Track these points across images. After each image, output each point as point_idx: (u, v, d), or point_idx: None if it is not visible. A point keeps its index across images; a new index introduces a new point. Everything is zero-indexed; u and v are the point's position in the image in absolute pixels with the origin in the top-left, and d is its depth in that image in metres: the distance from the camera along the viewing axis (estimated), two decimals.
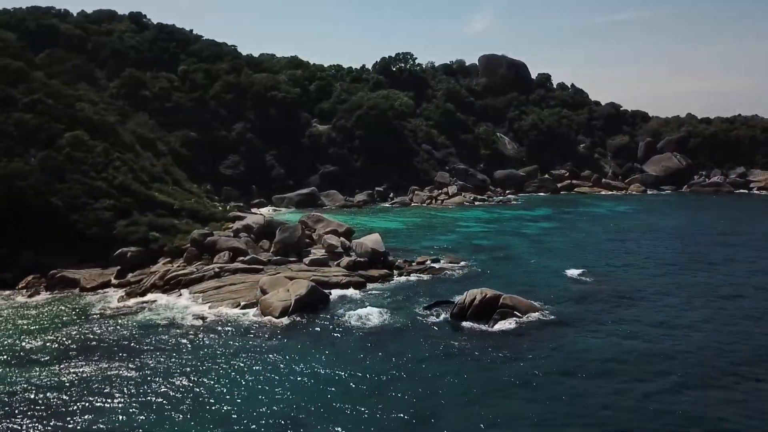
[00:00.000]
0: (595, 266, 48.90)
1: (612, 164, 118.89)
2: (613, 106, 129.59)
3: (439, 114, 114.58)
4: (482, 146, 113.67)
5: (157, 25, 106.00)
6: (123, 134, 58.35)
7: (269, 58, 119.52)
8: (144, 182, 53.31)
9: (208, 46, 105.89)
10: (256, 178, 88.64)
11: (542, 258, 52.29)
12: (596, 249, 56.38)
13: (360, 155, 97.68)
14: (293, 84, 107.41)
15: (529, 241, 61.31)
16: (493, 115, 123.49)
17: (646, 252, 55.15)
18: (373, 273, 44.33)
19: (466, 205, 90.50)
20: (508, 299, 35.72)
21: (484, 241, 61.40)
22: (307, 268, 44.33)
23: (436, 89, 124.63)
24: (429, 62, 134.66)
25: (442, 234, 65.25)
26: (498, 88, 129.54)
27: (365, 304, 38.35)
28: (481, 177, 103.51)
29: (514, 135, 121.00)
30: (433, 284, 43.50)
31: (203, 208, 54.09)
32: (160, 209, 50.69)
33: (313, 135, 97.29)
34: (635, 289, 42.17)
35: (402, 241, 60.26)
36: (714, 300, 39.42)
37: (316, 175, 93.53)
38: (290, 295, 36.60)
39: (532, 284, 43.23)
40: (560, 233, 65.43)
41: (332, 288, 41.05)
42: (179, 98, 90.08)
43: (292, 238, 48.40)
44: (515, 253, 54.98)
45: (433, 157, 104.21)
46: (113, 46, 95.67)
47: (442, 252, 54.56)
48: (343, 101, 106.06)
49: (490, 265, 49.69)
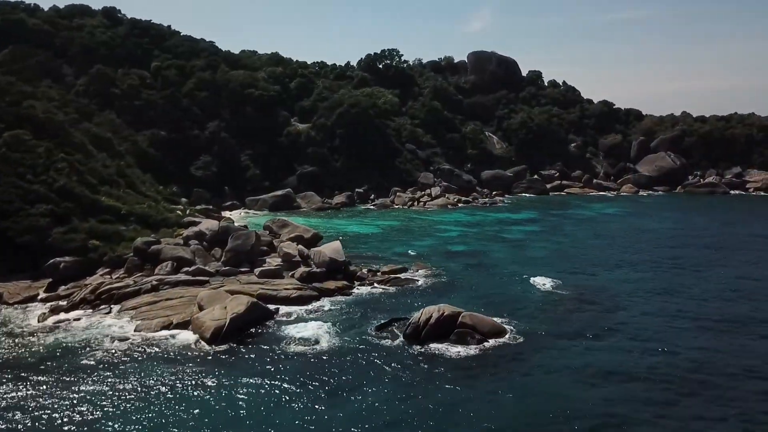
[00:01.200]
0: (574, 276, 45.21)
1: (604, 164, 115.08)
2: (606, 104, 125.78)
3: (425, 112, 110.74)
4: (469, 146, 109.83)
5: (131, 20, 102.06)
6: (73, 134, 54.52)
7: (249, 55, 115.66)
8: (91, 185, 49.58)
9: (183, 42, 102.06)
10: (230, 179, 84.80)
11: (519, 266, 48.55)
12: (578, 256, 52.63)
13: (340, 155, 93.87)
14: (273, 81, 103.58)
15: (509, 246, 57.59)
16: (481, 114, 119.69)
17: (631, 259, 51.40)
18: (329, 285, 40.58)
19: (449, 207, 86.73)
20: (468, 318, 31.98)
21: (460, 246, 57.68)
22: (256, 280, 40.59)
23: (423, 87, 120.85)
24: (416, 59, 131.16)
25: (418, 239, 61.51)
26: (487, 86, 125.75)
27: (314, 322, 34.63)
28: (466, 178, 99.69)
29: (503, 134, 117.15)
30: (395, 297, 39.76)
31: (155, 213, 50.32)
32: (105, 214, 46.96)
33: (291, 134, 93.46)
34: (615, 302, 38.48)
35: (374, 247, 56.55)
36: (701, 316, 35.72)
37: (293, 176, 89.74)
38: (226, 314, 32.84)
39: (502, 297, 39.54)
40: (542, 238, 61.69)
41: (280, 303, 37.32)
42: (149, 96, 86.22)
43: (244, 246, 44.66)
44: (491, 260, 51.25)
45: (417, 157, 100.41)
46: (82, 42, 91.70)
47: (414, 259, 50.89)
48: (324, 99, 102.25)
49: (462, 274, 45.97)
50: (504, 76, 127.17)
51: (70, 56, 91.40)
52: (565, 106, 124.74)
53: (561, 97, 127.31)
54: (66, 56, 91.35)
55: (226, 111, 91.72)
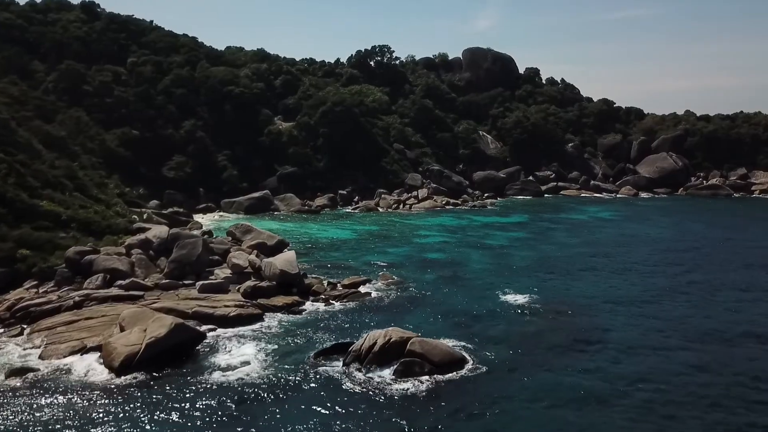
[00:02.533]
0: (553, 289, 40.95)
1: (602, 165, 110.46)
2: (606, 103, 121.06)
3: (416, 111, 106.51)
4: (461, 145, 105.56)
5: (108, 14, 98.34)
6: (20, 133, 50.64)
7: (234, 51, 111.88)
8: (31, 188, 45.67)
9: (163, 38, 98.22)
10: (205, 180, 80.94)
11: (495, 278, 44.31)
12: (561, 266, 48.25)
13: (324, 155, 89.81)
14: (257, 78, 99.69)
15: (490, 255, 53.31)
16: (475, 112, 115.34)
17: (619, 270, 47.02)
18: (276, 302, 36.47)
19: (436, 210, 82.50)
20: (418, 344, 27.77)
21: (438, 254, 53.46)
22: (196, 296, 36.53)
23: (415, 84, 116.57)
24: (409, 56, 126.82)
25: (394, 246, 57.36)
26: (482, 83, 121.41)
27: (249, 346, 30.58)
28: (456, 179, 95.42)
29: (497, 133, 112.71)
30: (349, 315, 35.62)
31: (100, 219, 46.34)
32: (42, 220, 42.99)
33: (272, 133, 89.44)
34: (594, 322, 34.23)
35: (344, 255, 52.45)
36: (690, 339, 31.41)
37: (273, 176, 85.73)
38: (143, 338, 28.80)
39: (468, 315, 35.33)
40: (528, 245, 57.36)
41: (217, 323, 33.21)
42: (122, 93, 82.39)
43: (190, 255, 40.62)
44: (466, 271, 47.00)
45: (405, 158, 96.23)
46: (54, 37, 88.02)
47: (384, 269, 46.78)
48: (309, 97, 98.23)
49: (431, 287, 41.78)
50: (500, 74, 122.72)
51: (42, 52, 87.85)
52: (562, 105, 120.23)
53: (559, 95, 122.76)
54: (38, 52, 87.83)
55: (204, 109, 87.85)
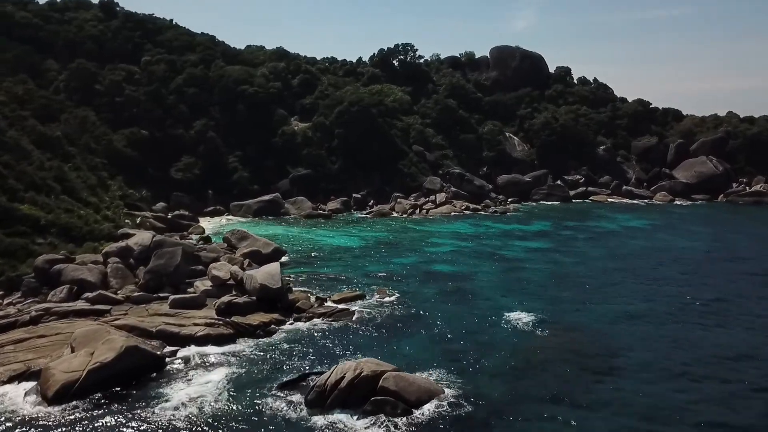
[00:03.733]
0: (567, 312, 36.52)
1: (636, 169, 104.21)
2: (641, 103, 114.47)
3: (438, 111, 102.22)
4: (486, 147, 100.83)
5: (124, 13, 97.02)
6: (6, 133, 48.58)
7: (254, 50, 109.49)
8: (13, 191, 43.43)
9: (178, 36, 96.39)
10: (215, 182, 78.39)
11: (503, 295, 40.08)
12: (580, 283, 43.65)
13: (339, 157, 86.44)
14: (274, 78, 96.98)
15: (502, 267, 48.95)
16: (502, 113, 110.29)
17: (647, 290, 42.15)
18: (253, 320, 33.03)
19: (454, 216, 78.17)
20: (393, 380, 23.92)
21: (445, 266, 49.37)
22: (166, 311, 33.40)
23: (439, 84, 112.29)
24: (434, 55, 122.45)
25: (400, 255, 53.49)
26: (510, 83, 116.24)
27: (213, 372, 27.28)
28: (478, 183, 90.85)
29: (524, 135, 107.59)
30: (330, 337, 31.96)
31: (83, 224, 43.79)
32: (20, 225, 40.64)
33: (286, 134, 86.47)
34: (609, 353, 29.83)
35: (344, 265, 48.82)
36: (720, 381, 26.80)
37: (286, 179, 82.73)
38: (87, 362, 25.70)
39: (465, 341, 31.30)
40: (546, 258, 52.76)
41: (182, 343, 30.00)
42: (132, 92, 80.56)
43: (167, 266, 37.58)
44: (474, 286, 42.83)
45: (424, 160, 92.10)
46: (67, 36, 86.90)
47: (383, 282, 43.12)
48: (326, 96, 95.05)
49: (429, 305, 37.82)
50: (528, 73, 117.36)
51: (56, 51, 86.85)
52: (595, 106, 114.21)
53: (591, 96, 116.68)
54: (54, 51, 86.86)
55: (217, 109, 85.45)
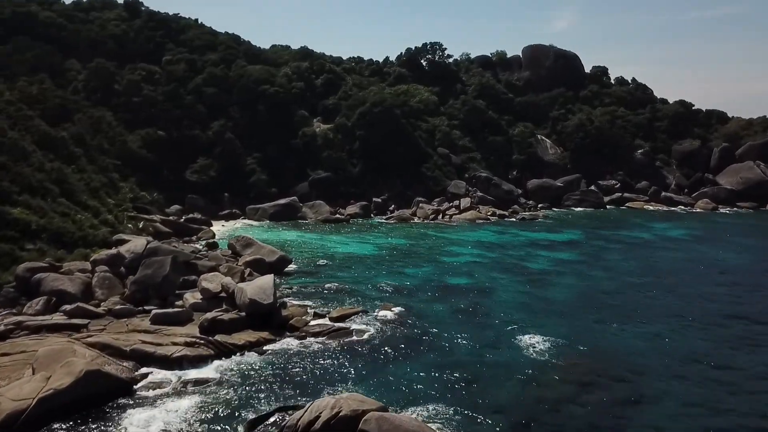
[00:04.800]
0: (593, 336, 32.50)
1: (676, 174, 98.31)
2: (683, 105, 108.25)
3: (466, 112, 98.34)
4: (516, 150, 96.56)
5: (147, 12, 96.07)
6: (4, 133, 46.95)
7: (278, 50, 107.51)
8: (6, 193, 41.58)
9: (200, 35, 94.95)
10: (232, 184, 76.24)
11: (522, 315, 36.22)
12: (609, 302, 39.45)
13: (360, 159, 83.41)
14: (297, 78, 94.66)
15: (524, 282, 44.98)
16: (533, 114, 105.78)
17: (684, 313, 37.62)
18: (238, 339, 30.04)
19: (478, 222, 74.24)
20: (375, 422, 20.47)
21: (462, 279, 45.67)
22: (146, 327, 30.69)
23: (468, 84, 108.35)
24: (463, 54, 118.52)
25: (415, 265, 50.01)
26: (543, 83, 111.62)
27: (183, 400, 24.39)
28: (507, 187, 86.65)
29: (557, 137, 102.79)
30: (319, 362, 28.71)
31: (75, 230, 41.65)
32: (8, 230, 38.68)
33: (306, 135, 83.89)
34: (639, 391, 25.82)
35: (352, 276, 45.58)
36: None
37: (305, 182, 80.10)
38: (40, 389, 23.06)
39: (470, 370, 27.67)
40: (573, 271, 48.53)
41: (157, 365, 27.20)
42: (150, 92, 79.11)
43: (154, 276, 34.96)
44: (489, 303, 39.06)
45: (449, 163, 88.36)
46: (89, 36, 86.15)
47: (391, 296, 39.81)
48: (349, 97, 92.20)
49: (437, 324, 34.26)
50: (562, 73, 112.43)
51: (79, 50, 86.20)
52: (632, 107, 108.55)
53: (628, 96, 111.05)
54: (77, 50, 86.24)
55: (236, 109, 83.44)
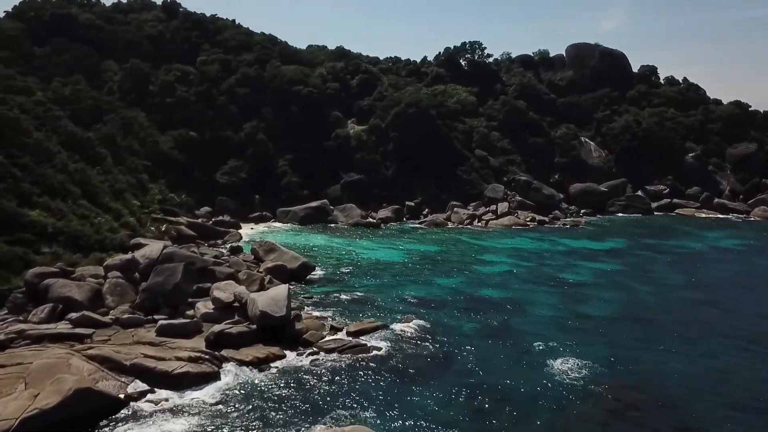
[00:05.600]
0: (635, 362, 29.25)
1: (731, 180, 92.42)
2: (738, 106, 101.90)
3: (505, 113, 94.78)
4: (558, 153, 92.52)
5: (184, 12, 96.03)
6: (29, 134, 46.46)
7: (314, 50, 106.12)
8: (26, 195, 40.87)
9: (235, 36, 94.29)
10: (263, 186, 74.89)
11: (557, 334, 33.13)
12: (654, 321, 35.94)
13: (393, 162, 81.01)
14: (332, 78, 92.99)
15: (562, 296, 41.73)
16: (577, 115, 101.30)
17: (739, 333, 33.89)
18: (245, 355, 28.04)
19: (516, 228, 70.84)
20: None
21: (494, 291, 42.74)
22: (151, 339, 29.02)
23: (508, 84, 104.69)
24: (504, 53, 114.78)
25: (445, 274, 47.32)
26: (587, 83, 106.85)
27: (172, 423, 22.50)
28: (547, 192, 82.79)
29: (602, 140, 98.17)
30: (328, 383, 26.45)
31: (92, 233, 40.59)
32: (24, 232, 37.83)
33: (339, 137, 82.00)
34: (690, 425, 22.62)
35: (377, 285, 43.24)
36: None
37: (337, 184, 78.21)
38: (25, 407, 21.49)
39: (493, 398, 25.01)
40: (616, 284, 44.98)
41: (155, 382, 25.42)
42: (184, 93, 78.61)
43: (165, 284, 33.37)
44: (522, 319, 36.07)
45: (487, 166, 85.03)
46: (125, 37, 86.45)
47: (416, 308, 37.31)
48: (384, 97, 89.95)
49: (462, 343, 31.58)
50: (608, 72, 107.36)
51: (117, 51, 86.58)
52: (683, 108, 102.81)
53: (679, 97, 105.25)
54: (113, 51, 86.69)
55: (269, 110, 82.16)
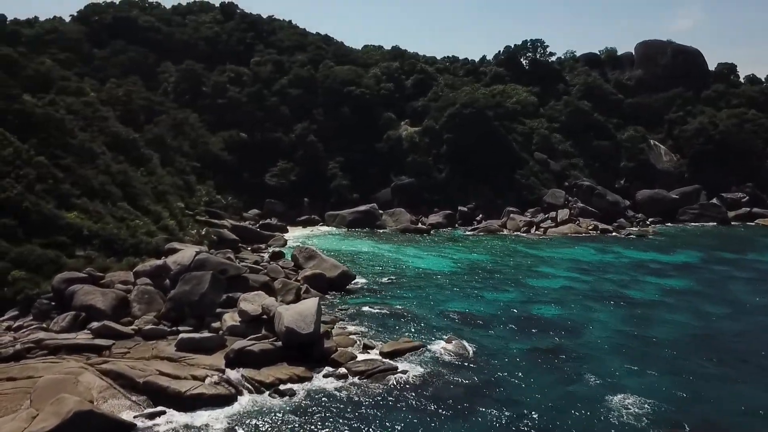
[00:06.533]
0: (710, 400, 25.20)
1: None
2: None
3: (568, 114, 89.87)
4: (624, 156, 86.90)
5: (240, 14, 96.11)
6: (73, 134, 46.20)
7: (370, 50, 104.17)
8: (68, 195, 40.35)
9: (290, 36, 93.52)
10: (312, 189, 73.48)
11: (615, 363, 29.23)
12: (733, 351, 31.35)
13: (447, 164, 77.79)
14: (386, 78, 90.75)
15: (625, 317, 37.50)
16: (646, 117, 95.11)
17: None
18: (266, 376, 25.73)
19: (577, 237, 66.31)
20: None
21: (549, 309, 39.02)
22: (170, 354, 27.19)
23: (572, 84, 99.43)
24: (568, 52, 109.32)
25: (495, 288, 43.90)
26: (658, 83, 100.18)
27: None
28: (612, 198, 77.51)
29: (673, 143, 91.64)
30: (354, 412, 23.83)
31: (128, 236, 39.57)
32: (59, 235, 37.14)
33: (391, 139, 79.56)
34: None
35: (419, 297, 40.38)
36: None
37: (387, 188, 75.81)
38: (18, 430, 19.91)
39: None
40: (688, 305, 40.28)
41: (168, 403, 23.51)
42: (235, 94, 78.18)
43: (192, 293, 31.65)
44: (580, 344, 32.26)
45: (547, 170, 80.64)
46: (181, 38, 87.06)
47: (459, 326, 34.28)
48: (439, 98, 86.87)
49: (510, 369, 28.25)
50: (682, 71, 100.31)
51: (173, 53, 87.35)
52: (766, 109, 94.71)
53: (761, 97, 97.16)
54: (171, 53, 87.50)
55: (320, 111, 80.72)
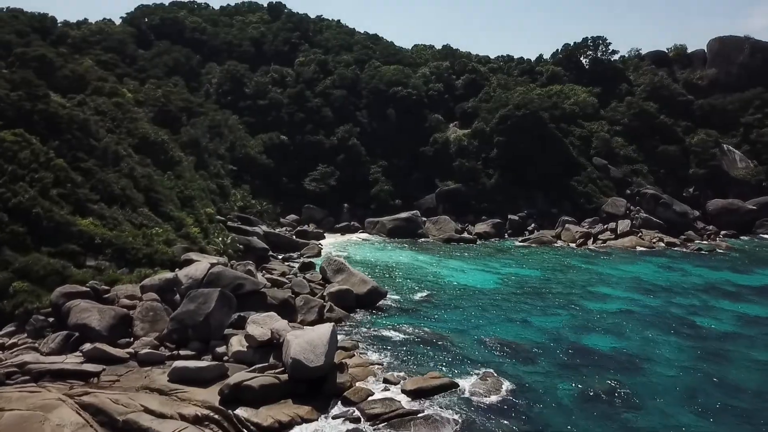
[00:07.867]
0: None
1: None
2: None
3: (631, 116, 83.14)
4: (694, 163, 79.51)
5: (286, 13, 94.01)
6: (98, 136, 44.31)
7: (420, 49, 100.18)
8: (78, 202, 38.17)
9: (336, 35, 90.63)
10: (353, 194, 70.10)
11: (682, 411, 24.41)
12: None
13: (496, 169, 72.82)
14: (436, 79, 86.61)
15: (694, 351, 32.12)
16: (719, 120, 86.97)
17: None
18: (264, 417, 22.17)
19: (639, 251, 60.19)
20: None
21: (606, 339, 33.99)
22: (162, 385, 24.02)
23: (636, 84, 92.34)
24: (632, 49, 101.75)
25: (544, 311, 39.13)
26: (733, 82, 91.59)
27: None
28: (680, 209, 70.61)
29: (750, 148, 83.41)
30: None
31: (142, 245, 37.01)
32: (71, 243, 34.95)
33: (437, 142, 75.29)
34: None
35: (457, 320, 36.31)
36: None
37: (432, 194, 71.56)
38: None
39: None
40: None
41: None
42: (277, 95, 75.78)
43: (196, 314, 28.53)
44: (638, 385, 27.30)
45: (607, 176, 74.38)
46: (226, 39, 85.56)
47: (499, 358, 30.03)
48: (490, 99, 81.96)
49: (556, 416, 23.87)
50: (761, 69, 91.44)
51: (218, 53, 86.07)
52: None
53: None
54: (216, 53, 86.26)
55: (364, 113, 77.32)
